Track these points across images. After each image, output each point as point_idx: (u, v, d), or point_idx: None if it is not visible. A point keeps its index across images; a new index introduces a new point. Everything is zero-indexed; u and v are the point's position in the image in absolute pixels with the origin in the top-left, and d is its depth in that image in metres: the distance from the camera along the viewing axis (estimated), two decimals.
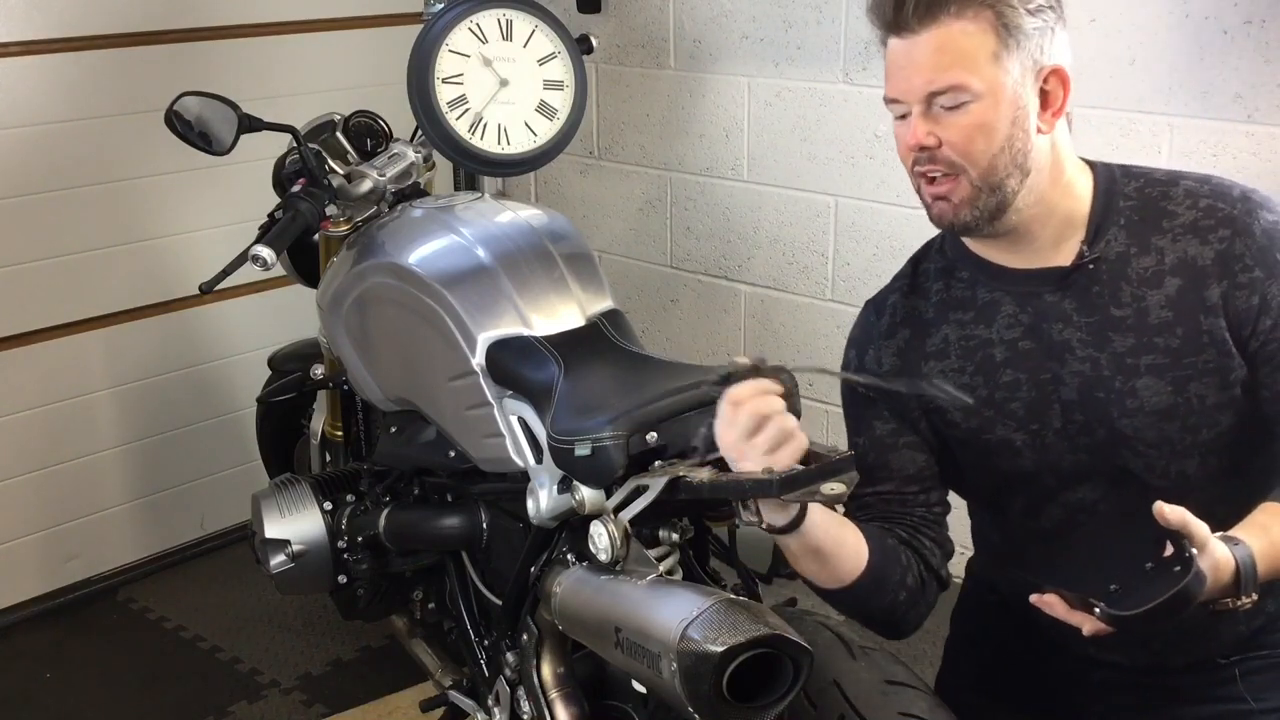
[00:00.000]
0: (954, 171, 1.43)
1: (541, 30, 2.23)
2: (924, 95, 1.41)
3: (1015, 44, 1.40)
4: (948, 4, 1.39)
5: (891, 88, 1.46)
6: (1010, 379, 1.52)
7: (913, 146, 1.44)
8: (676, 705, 1.26)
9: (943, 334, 1.57)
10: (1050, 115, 1.44)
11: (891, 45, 1.45)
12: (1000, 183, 1.42)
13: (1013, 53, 1.40)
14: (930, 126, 1.42)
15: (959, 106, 1.40)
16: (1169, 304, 1.44)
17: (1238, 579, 1.28)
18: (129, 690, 2.66)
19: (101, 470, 3.01)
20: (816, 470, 1.30)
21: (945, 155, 1.43)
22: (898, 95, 1.45)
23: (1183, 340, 1.44)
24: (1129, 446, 1.48)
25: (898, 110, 1.46)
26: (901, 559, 1.53)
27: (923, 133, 1.43)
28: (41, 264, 2.80)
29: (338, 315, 2.10)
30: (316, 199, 2.02)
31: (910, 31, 1.41)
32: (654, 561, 1.47)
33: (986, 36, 1.39)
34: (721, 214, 3.17)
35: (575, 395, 1.58)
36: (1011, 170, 1.42)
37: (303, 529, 2.07)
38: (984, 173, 1.42)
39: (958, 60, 1.39)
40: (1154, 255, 1.46)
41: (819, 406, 3.06)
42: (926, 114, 1.42)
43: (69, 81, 2.76)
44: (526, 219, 1.95)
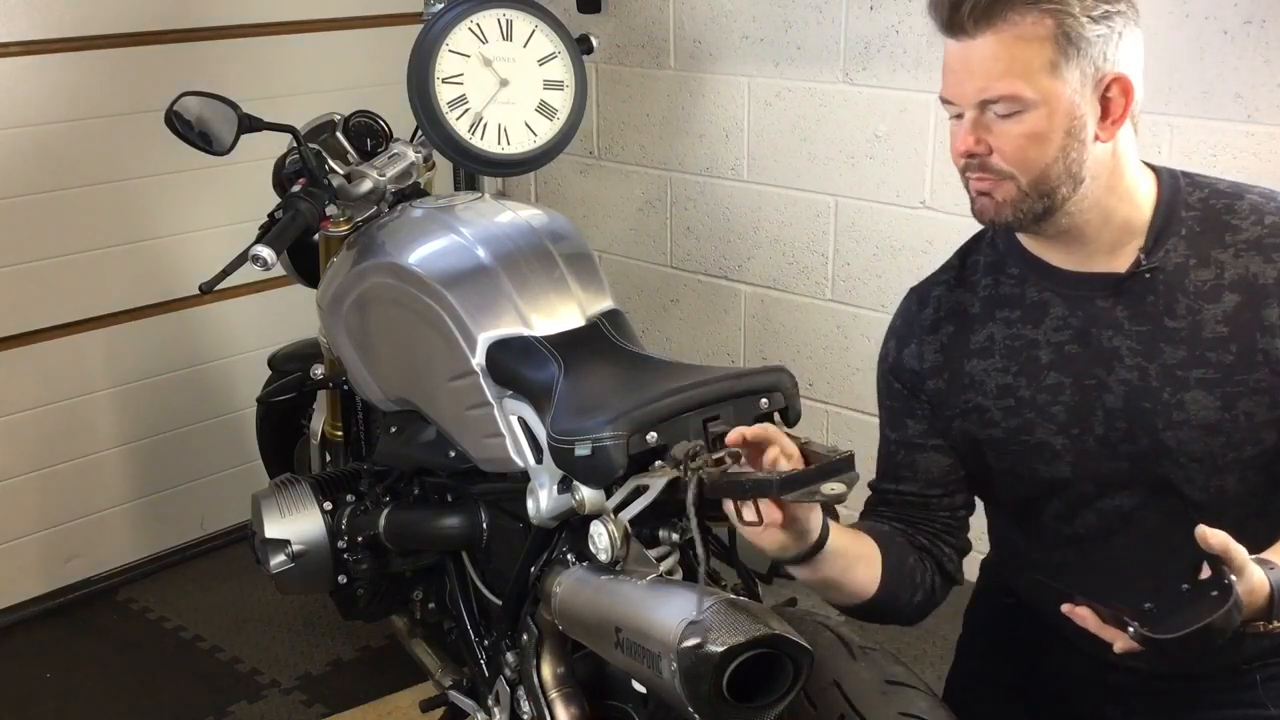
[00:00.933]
0: (1003, 177, 1.41)
1: (541, 30, 2.23)
2: (976, 102, 1.39)
3: (1075, 52, 1.35)
4: (1005, 9, 1.34)
5: (945, 89, 1.43)
6: (1054, 382, 1.50)
7: (962, 153, 1.42)
8: (676, 705, 1.26)
9: (988, 331, 1.55)
10: (1110, 124, 1.40)
11: (948, 45, 1.41)
12: (1051, 190, 1.40)
13: (1072, 61, 1.35)
14: (981, 133, 1.40)
15: (1012, 115, 1.37)
16: (1225, 320, 1.42)
17: (1271, 603, 1.27)
18: (129, 690, 2.66)
19: (101, 470, 3.01)
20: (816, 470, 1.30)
21: (995, 164, 1.40)
22: (951, 98, 1.42)
23: (1236, 357, 1.42)
24: (1171, 458, 1.46)
25: (951, 111, 1.43)
26: (915, 576, 1.54)
27: (972, 140, 1.40)
28: (41, 264, 2.80)
29: (338, 315, 2.10)
30: (316, 199, 2.02)
31: (965, 35, 1.37)
32: (654, 561, 1.47)
33: (1045, 45, 1.35)
34: (721, 214, 3.17)
35: (575, 395, 1.58)
36: (1064, 179, 1.40)
37: (303, 529, 2.07)
38: (1034, 181, 1.40)
39: (1012, 69, 1.35)
40: (1213, 269, 1.43)
41: (819, 406, 3.07)
42: (979, 119, 1.40)
43: (69, 81, 2.76)
44: (526, 219, 1.95)
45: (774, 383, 1.53)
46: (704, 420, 1.46)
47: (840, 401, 3.05)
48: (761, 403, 1.51)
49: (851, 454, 1.32)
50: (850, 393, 3.02)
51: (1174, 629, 1.20)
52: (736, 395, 1.50)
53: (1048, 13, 1.34)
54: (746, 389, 1.51)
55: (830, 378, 3.03)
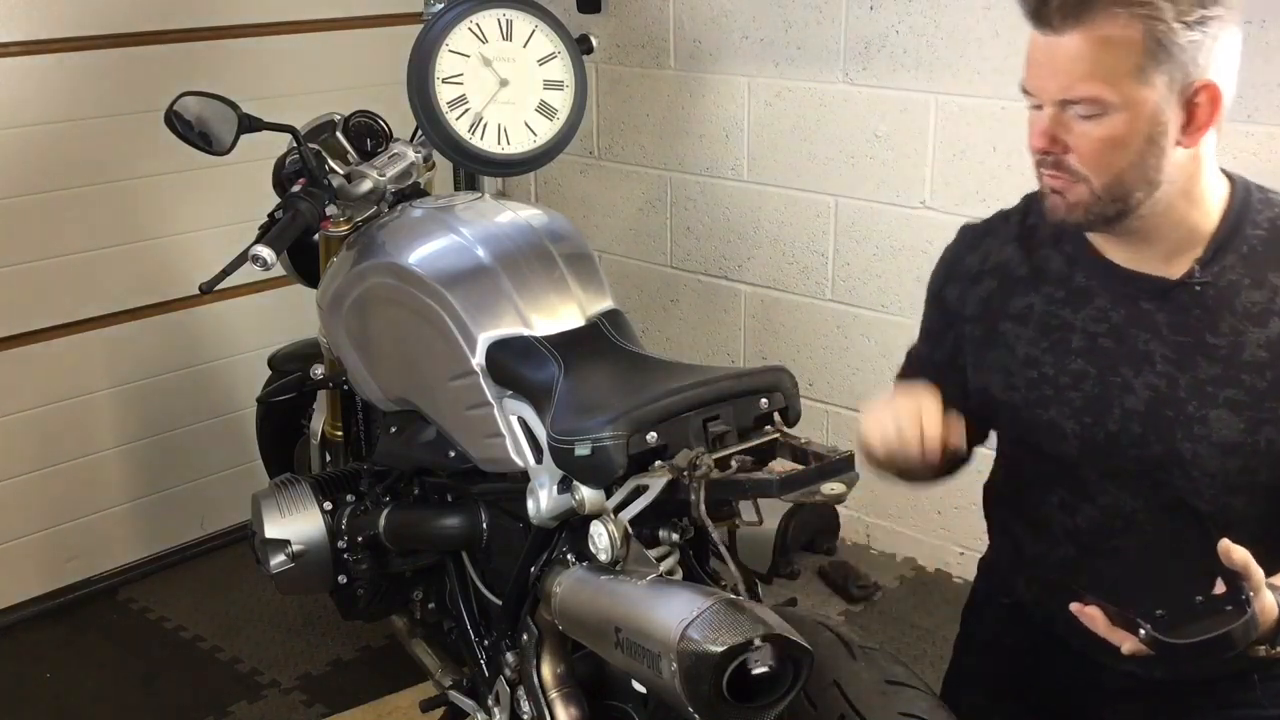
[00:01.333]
0: (1077, 179, 1.38)
1: (541, 30, 2.23)
2: (1057, 99, 1.36)
3: (1165, 58, 1.31)
4: (1095, 9, 1.30)
5: (1027, 79, 1.39)
6: (1079, 369, 1.50)
7: (1038, 150, 1.40)
8: (676, 705, 1.26)
9: (1029, 301, 1.54)
10: (1195, 130, 1.36)
11: (1033, 36, 1.37)
12: (1125, 195, 1.38)
13: (1160, 67, 1.31)
14: (1059, 131, 1.37)
15: (1093, 117, 1.34)
16: (1267, 345, 1.40)
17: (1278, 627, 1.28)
18: (129, 690, 2.66)
19: (101, 470, 3.01)
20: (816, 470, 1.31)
21: (1070, 163, 1.38)
22: (1032, 90, 1.39)
23: (1270, 384, 1.40)
24: (1182, 469, 1.45)
25: (1030, 101, 1.40)
26: None
27: (1048, 138, 1.38)
28: (41, 264, 2.80)
29: (338, 315, 2.10)
30: (316, 199, 2.02)
31: (1052, 29, 1.34)
32: (654, 561, 1.47)
33: (1133, 48, 1.30)
34: (721, 214, 3.17)
35: (575, 395, 1.58)
36: (1139, 184, 1.37)
37: (303, 529, 2.07)
38: (1109, 185, 1.37)
39: (1097, 71, 1.32)
40: (1267, 292, 1.41)
41: (819, 406, 3.07)
42: (1058, 117, 1.37)
43: (69, 81, 2.76)
44: (526, 219, 1.95)
45: (774, 383, 1.53)
46: (704, 420, 1.46)
47: (840, 401, 3.05)
48: (761, 403, 1.51)
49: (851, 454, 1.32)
50: (850, 393, 3.02)
51: (1188, 635, 1.20)
52: (736, 395, 1.50)
53: (1139, 17, 1.29)
54: (746, 389, 1.51)
55: (830, 378, 3.03)
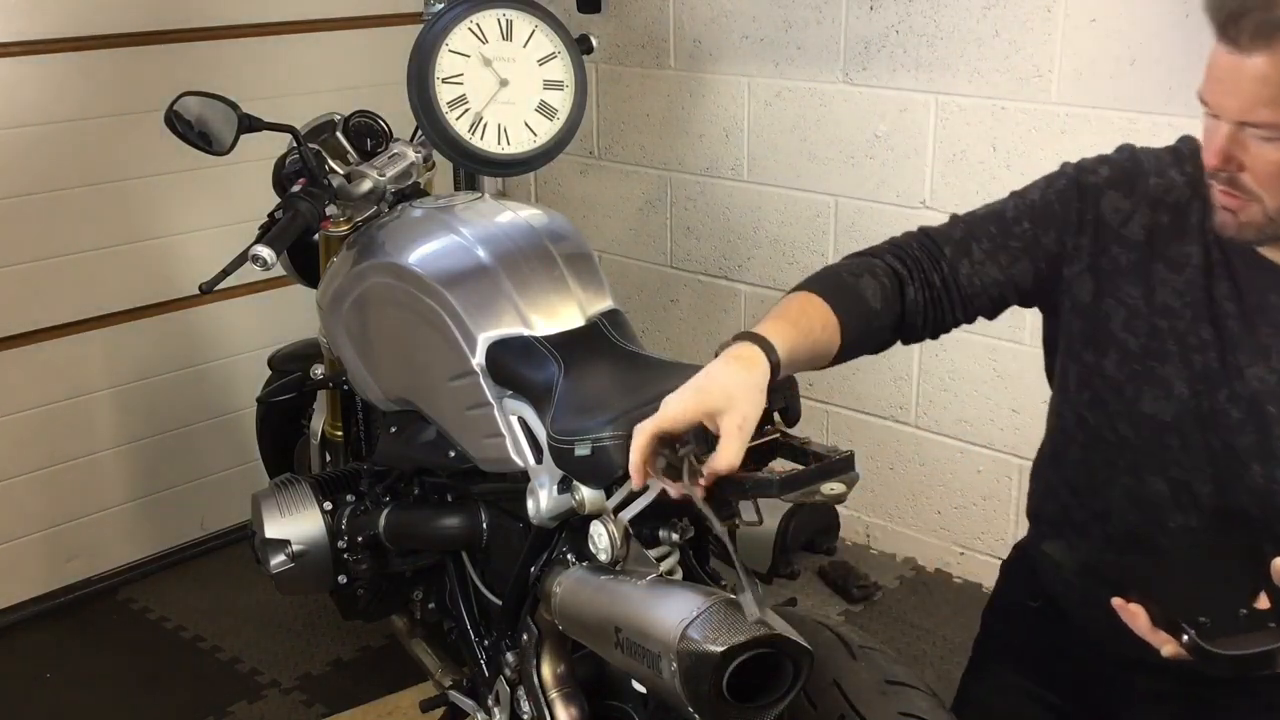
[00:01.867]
0: (1251, 198, 1.35)
1: (541, 30, 2.23)
2: (1237, 120, 1.32)
3: None
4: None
5: (1207, 91, 1.35)
6: (1208, 336, 1.46)
7: (1212, 167, 1.36)
8: (676, 705, 1.26)
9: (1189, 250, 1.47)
10: None
11: (1216, 48, 1.31)
12: None
13: None
14: (1236, 150, 1.33)
15: (1273, 140, 1.30)
16: None
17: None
18: (129, 690, 2.66)
19: (101, 470, 3.01)
20: (816, 470, 1.30)
21: (1245, 182, 1.34)
22: (1210, 104, 1.35)
23: None
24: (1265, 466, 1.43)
25: (1208, 110, 1.35)
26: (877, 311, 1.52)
27: (1222, 157, 1.34)
28: (41, 264, 2.80)
29: (338, 315, 2.10)
30: (316, 199, 2.02)
31: (1239, 48, 1.29)
32: (654, 561, 1.46)
33: None
34: (721, 214, 3.17)
35: (575, 395, 1.58)
36: None
37: (303, 529, 2.07)
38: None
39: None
40: None
41: (819, 406, 3.07)
42: (1235, 136, 1.32)
43: (69, 81, 2.76)
44: (526, 219, 1.95)
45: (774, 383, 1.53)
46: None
47: (840, 401, 3.05)
48: None
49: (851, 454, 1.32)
50: (850, 393, 3.02)
51: (1231, 647, 1.19)
52: None
53: None
54: None
55: (830, 378, 3.03)
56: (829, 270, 1.56)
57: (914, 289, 1.55)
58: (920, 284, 1.56)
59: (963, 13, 2.61)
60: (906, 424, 2.94)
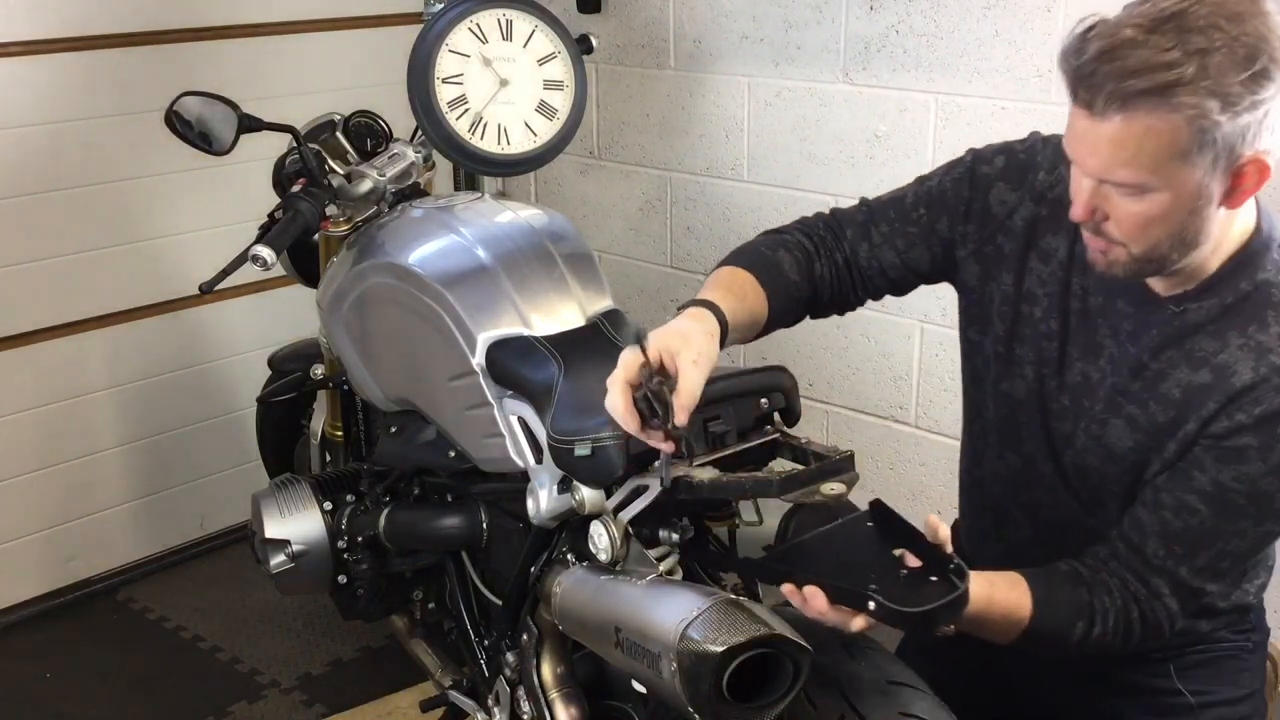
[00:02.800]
0: (1115, 244, 1.38)
1: (541, 30, 2.23)
2: (1097, 177, 1.35)
3: (1210, 144, 1.27)
4: (1142, 101, 1.26)
5: (1069, 147, 1.38)
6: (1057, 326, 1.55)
7: (1076, 218, 1.39)
8: (676, 705, 1.26)
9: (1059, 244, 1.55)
10: (1239, 195, 1.33)
11: (1075, 110, 1.34)
12: (1161, 258, 1.38)
13: (1206, 151, 1.28)
14: (1099, 202, 1.36)
15: (1132, 195, 1.33)
16: (1185, 388, 1.43)
17: None
18: (129, 690, 2.66)
19: (101, 470, 3.01)
20: (816, 470, 1.31)
21: (1110, 231, 1.38)
22: (1072, 158, 1.38)
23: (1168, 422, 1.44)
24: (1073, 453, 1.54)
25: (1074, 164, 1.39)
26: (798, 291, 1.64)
27: (1087, 210, 1.37)
28: (41, 264, 2.80)
29: (338, 315, 2.10)
30: (316, 199, 2.02)
31: (1093, 112, 1.31)
32: (654, 561, 1.47)
33: (1178, 135, 1.26)
34: (721, 214, 3.17)
35: (575, 395, 1.58)
36: (1178, 248, 1.37)
37: (303, 529, 2.07)
38: (1147, 252, 1.37)
39: (1138, 157, 1.29)
40: (1217, 344, 1.42)
41: (819, 406, 3.07)
42: (1097, 190, 1.36)
43: (69, 81, 2.76)
44: (526, 219, 1.95)
45: (774, 383, 1.53)
46: (704, 420, 1.46)
47: (840, 401, 3.05)
48: (761, 403, 1.51)
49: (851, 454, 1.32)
50: (850, 393, 3.02)
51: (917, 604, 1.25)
52: (736, 395, 1.50)
53: (1185, 117, 1.25)
54: (746, 389, 1.51)
55: (830, 378, 3.03)
56: (748, 246, 1.68)
57: (820, 265, 1.66)
58: (827, 261, 1.67)
59: (963, 13, 2.61)
60: (906, 424, 2.94)
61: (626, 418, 1.34)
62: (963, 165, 1.63)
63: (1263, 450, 1.37)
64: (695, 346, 1.36)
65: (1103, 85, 1.28)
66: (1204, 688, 1.60)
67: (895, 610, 1.24)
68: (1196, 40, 1.24)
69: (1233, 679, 1.62)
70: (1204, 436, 1.41)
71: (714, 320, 1.45)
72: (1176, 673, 1.60)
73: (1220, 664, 1.62)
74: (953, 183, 1.63)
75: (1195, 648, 1.60)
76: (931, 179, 1.66)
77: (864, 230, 1.67)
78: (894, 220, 1.66)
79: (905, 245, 1.65)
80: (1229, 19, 1.25)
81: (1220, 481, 1.40)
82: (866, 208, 1.70)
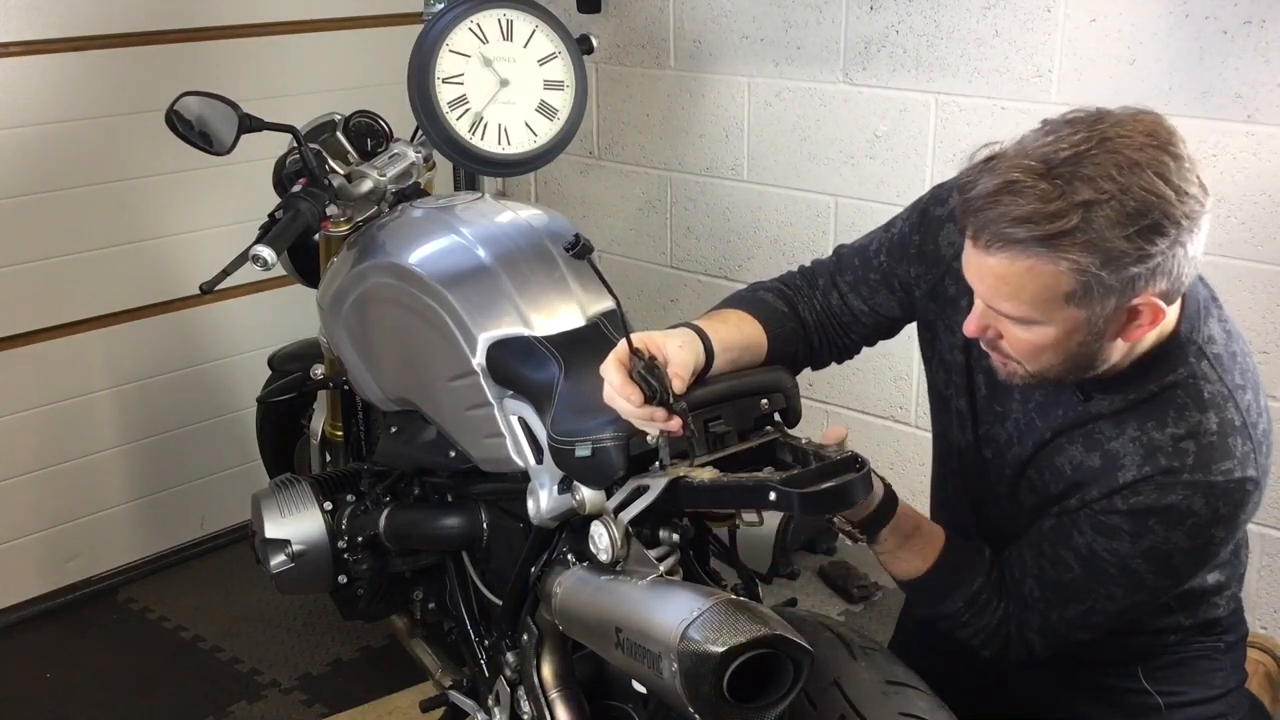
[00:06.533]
0: (1011, 360, 1.40)
1: (542, 30, 2.23)
2: (985, 303, 1.36)
3: (1095, 291, 1.27)
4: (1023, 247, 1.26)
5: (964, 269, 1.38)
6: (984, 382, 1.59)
7: (968, 334, 1.42)
8: (677, 705, 1.26)
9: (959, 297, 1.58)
10: (1135, 330, 1.33)
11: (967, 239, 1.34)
12: (1059, 377, 1.40)
13: (1091, 296, 1.27)
14: (991, 322, 1.37)
15: (1020, 325, 1.34)
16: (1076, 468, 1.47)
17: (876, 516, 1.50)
18: (129, 690, 2.66)
19: (101, 470, 3.01)
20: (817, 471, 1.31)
21: (1003, 348, 1.39)
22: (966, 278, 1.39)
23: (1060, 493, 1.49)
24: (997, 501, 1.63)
25: None
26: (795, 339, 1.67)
27: (979, 329, 1.39)
28: (41, 264, 2.80)
29: (338, 315, 2.10)
30: (317, 199, 2.02)
31: (977, 245, 1.31)
32: (654, 561, 1.46)
33: (1060, 280, 1.26)
34: (721, 214, 3.17)
35: (576, 395, 1.58)
36: (1073, 370, 1.39)
37: (303, 529, 2.07)
38: (1042, 371, 1.39)
39: (1019, 295, 1.30)
40: (1114, 429, 1.44)
41: (819, 406, 3.07)
42: (988, 311, 1.37)
43: (69, 81, 2.76)
44: (527, 219, 1.95)
45: (774, 383, 1.53)
46: (704, 420, 1.46)
47: (840, 401, 3.05)
48: (762, 403, 1.51)
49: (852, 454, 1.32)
50: (850, 393, 3.02)
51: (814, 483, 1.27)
52: (736, 395, 1.49)
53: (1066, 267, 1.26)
54: (746, 389, 1.51)
55: (830, 378, 3.03)
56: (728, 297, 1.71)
57: (804, 309, 1.69)
58: (807, 307, 1.69)
59: (963, 13, 2.61)
60: (906, 424, 2.94)
61: (626, 390, 1.35)
62: (918, 208, 1.64)
63: (1134, 536, 1.41)
64: (679, 337, 1.43)
65: (987, 225, 1.28)
66: (1174, 689, 1.61)
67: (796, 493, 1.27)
68: (1084, 192, 1.23)
69: (1204, 679, 1.63)
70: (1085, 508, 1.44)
71: (696, 337, 1.48)
72: (1144, 675, 1.61)
73: (1190, 665, 1.63)
74: (911, 226, 1.64)
75: (1164, 652, 1.61)
76: (895, 224, 1.67)
77: (832, 280, 1.70)
78: (858, 268, 1.68)
79: (869, 292, 1.67)
80: (1123, 168, 1.23)
81: (1094, 548, 1.44)
82: (836, 257, 1.72)
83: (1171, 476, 1.38)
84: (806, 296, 1.70)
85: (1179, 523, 1.38)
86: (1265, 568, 2.45)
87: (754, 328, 1.60)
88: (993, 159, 1.30)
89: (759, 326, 1.61)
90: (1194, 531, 1.39)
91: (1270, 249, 2.31)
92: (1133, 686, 1.62)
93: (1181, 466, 1.38)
